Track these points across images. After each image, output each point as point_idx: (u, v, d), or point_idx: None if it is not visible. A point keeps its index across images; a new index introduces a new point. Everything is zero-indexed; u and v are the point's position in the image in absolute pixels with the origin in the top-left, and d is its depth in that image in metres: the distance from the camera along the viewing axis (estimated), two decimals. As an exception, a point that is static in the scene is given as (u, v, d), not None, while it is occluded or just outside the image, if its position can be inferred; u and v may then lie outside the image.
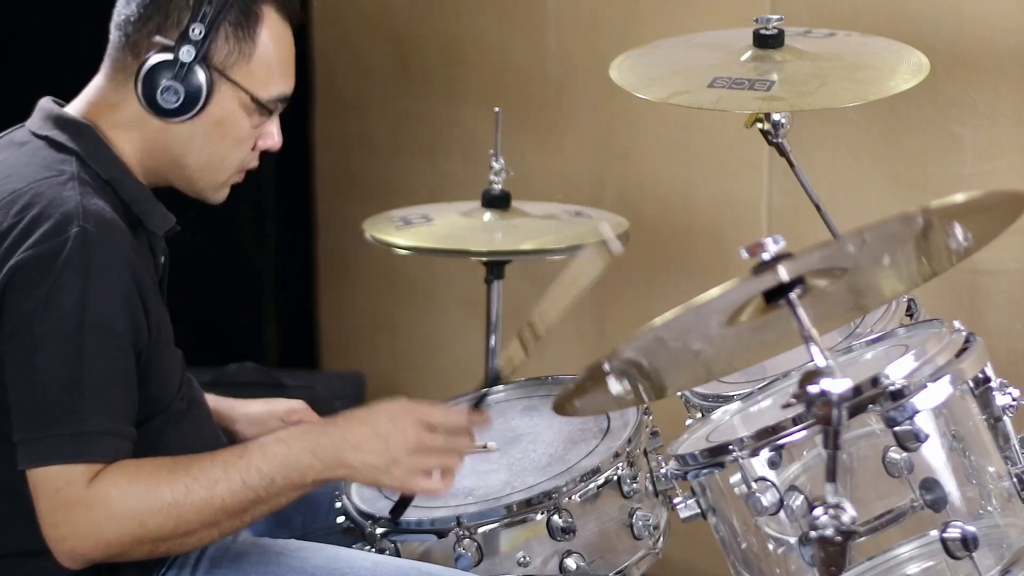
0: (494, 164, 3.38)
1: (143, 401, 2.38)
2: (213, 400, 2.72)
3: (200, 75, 2.42)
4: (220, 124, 2.46)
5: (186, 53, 2.41)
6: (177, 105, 2.42)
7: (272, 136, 2.51)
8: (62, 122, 2.47)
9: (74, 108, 2.50)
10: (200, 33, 2.41)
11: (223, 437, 2.65)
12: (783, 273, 2.04)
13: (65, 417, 2.29)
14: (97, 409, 2.30)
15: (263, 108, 2.48)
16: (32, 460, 2.31)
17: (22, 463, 2.31)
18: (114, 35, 2.47)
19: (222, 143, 2.48)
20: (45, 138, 2.46)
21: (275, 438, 2.40)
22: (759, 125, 2.92)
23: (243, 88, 2.46)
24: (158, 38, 2.42)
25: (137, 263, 2.38)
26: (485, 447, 2.67)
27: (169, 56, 2.41)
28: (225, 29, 2.43)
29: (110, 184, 2.44)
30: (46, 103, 2.52)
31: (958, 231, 2.21)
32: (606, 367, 2.16)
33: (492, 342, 3.45)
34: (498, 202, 3.40)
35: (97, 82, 2.50)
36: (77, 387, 2.30)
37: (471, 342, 4.20)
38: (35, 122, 2.51)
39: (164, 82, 2.41)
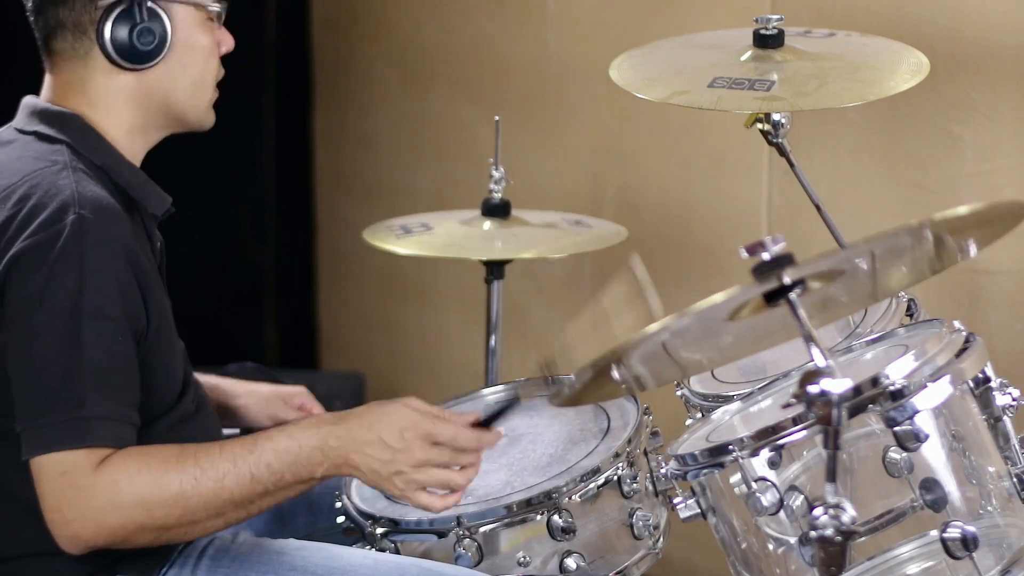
0: (494, 173, 3.37)
1: (148, 392, 2.38)
2: (214, 379, 2.73)
3: (157, 10, 2.47)
4: (188, 48, 2.51)
5: None
6: (153, 46, 2.47)
7: (227, 39, 2.58)
8: (48, 115, 2.48)
9: (52, 102, 2.52)
10: None
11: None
12: (785, 279, 2.04)
13: (62, 403, 2.29)
14: (95, 394, 2.30)
15: (215, 15, 2.54)
16: (34, 448, 2.30)
17: (25, 453, 2.30)
18: (44, 25, 2.49)
19: (197, 64, 2.53)
20: (33, 133, 2.47)
21: (286, 434, 2.38)
22: (759, 125, 2.92)
23: (191, 4, 2.51)
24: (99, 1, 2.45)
25: (135, 248, 2.38)
26: None
27: (124, 5, 2.45)
28: None
29: (103, 170, 2.45)
30: (29, 100, 2.54)
31: (972, 248, 2.22)
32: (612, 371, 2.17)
33: (492, 342, 3.44)
34: (498, 211, 3.39)
35: (53, 76, 2.52)
36: (74, 373, 2.30)
37: (471, 342, 4.19)
38: (20, 120, 2.53)
39: (137, 28, 2.45)
